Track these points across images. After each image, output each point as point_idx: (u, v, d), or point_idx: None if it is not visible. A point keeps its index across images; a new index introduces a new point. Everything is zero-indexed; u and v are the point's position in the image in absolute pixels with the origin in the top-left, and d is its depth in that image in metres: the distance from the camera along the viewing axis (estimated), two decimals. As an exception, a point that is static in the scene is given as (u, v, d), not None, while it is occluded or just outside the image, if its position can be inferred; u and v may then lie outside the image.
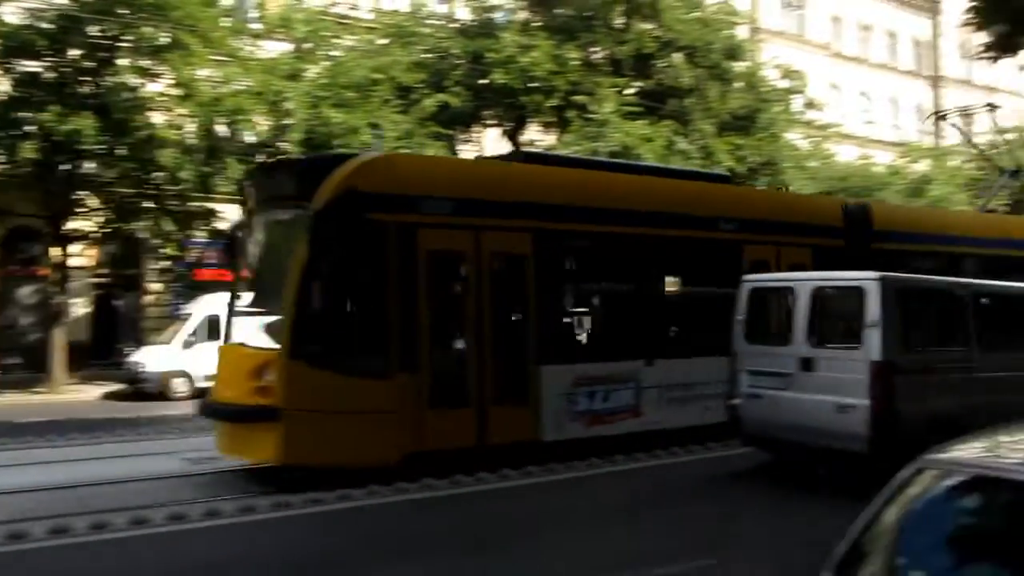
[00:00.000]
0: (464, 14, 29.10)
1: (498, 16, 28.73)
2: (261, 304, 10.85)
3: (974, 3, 11.30)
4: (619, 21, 27.65)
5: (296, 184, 10.52)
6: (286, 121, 22.06)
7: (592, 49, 28.20)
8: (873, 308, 8.91)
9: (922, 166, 38.04)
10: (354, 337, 10.31)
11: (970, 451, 3.08)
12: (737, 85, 29.29)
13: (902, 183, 35.58)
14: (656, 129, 25.85)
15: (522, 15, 28.63)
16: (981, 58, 11.92)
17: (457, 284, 10.94)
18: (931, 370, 9.29)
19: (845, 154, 37.69)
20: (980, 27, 11.29)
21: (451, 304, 10.93)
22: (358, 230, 9.92)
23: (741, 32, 32.14)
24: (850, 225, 14.82)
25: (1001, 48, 11.39)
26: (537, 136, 29.59)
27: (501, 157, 14.62)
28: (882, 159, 38.67)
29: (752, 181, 29.26)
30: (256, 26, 24.48)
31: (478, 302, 10.71)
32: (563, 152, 22.53)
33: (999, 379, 9.61)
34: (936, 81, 50.64)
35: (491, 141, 30.88)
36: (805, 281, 10.09)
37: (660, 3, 27.42)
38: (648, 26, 27.54)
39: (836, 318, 10.20)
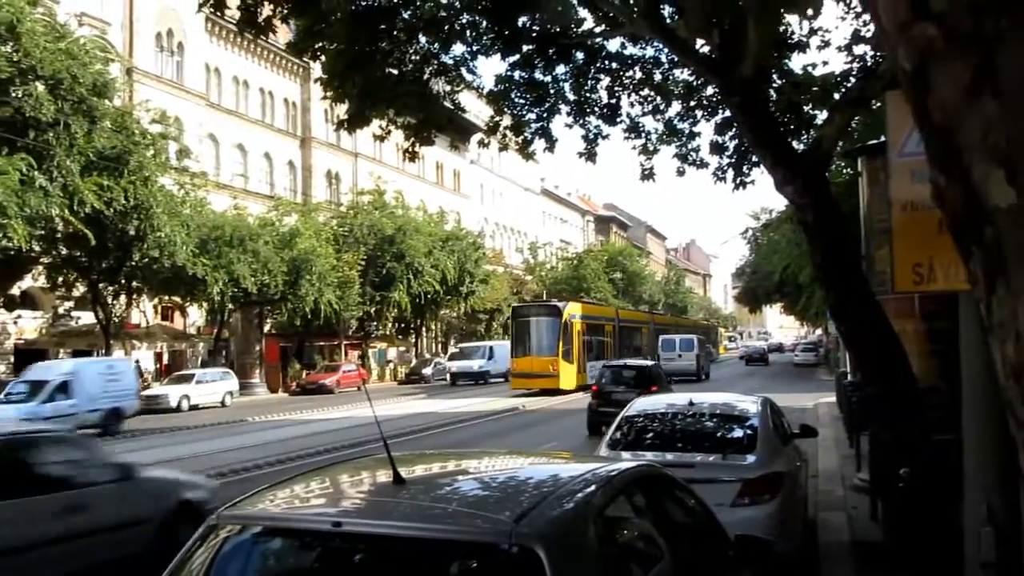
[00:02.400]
0: None
1: None
2: (533, 350, 37.42)
3: (321, 79, 12.05)
4: (-32, 39, 24.71)
5: (554, 310, 38.60)
6: None
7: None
8: (695, 345, 47.69)
9: (292, 219, 40.36)
10: (572, 354, 37.22)
11: (261, 504, 3.35)
12: (106, 124, 28.12)
13: (273, 235, 37.38)
14: (10, 162, 23.60)
15: None
16: (344, 128, 12.81)
17: (585, 340, 39.51)
18: (703, 357, 49.41)
19: (220, 203, 38.29)
20: (337, 99, 12.10)
21: (583, 346, 39.05)
22: (568, 324, 37.50)
23: (113, 70, 31.00)
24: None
25: (355, 120, 12.35)
26: None
27: (567, 297, 49.06)
28: (256, 210, 40.12)
29: (123, 225, 28.36)
30: None
31: (586, 344, 39.74)
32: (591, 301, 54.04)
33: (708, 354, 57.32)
34: (306, 142, 54.29)
35: None
36: (677, 336, 49.45)
37: (20, 26, 25.19)
38: (4, 49, 25.06)
39: (686, 346, 47.27)
